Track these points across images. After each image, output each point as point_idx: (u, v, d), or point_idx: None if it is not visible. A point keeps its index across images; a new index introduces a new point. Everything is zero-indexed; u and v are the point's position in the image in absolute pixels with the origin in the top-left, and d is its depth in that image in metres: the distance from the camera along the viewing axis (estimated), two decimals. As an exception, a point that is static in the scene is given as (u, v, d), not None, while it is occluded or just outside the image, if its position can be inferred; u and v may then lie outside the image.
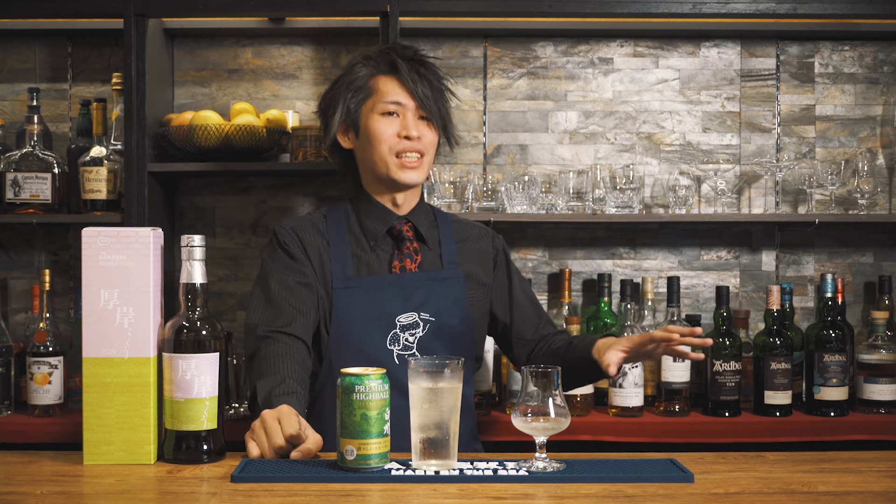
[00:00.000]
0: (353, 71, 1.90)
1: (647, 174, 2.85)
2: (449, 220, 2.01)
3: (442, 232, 1.96)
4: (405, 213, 1.92)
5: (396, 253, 1.88)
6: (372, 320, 1.81)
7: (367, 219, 1.90)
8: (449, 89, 1.95)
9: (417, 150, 1.86)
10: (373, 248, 1.88)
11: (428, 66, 1.91)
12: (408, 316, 1.83)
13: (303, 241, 1.87)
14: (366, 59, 1.90)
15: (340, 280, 1.83)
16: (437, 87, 1.90)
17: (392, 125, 1.85)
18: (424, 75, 1.87)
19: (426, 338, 1.84)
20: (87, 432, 1.48)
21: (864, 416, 2.48)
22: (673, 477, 1.37)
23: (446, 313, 1.86)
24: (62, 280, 2.81)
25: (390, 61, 1.87)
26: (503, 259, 2.04)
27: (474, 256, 1.98)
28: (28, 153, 2.58)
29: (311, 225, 1.91)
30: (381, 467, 1.38)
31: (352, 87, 1.89)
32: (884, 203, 2.87)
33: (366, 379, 1.37)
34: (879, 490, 1.33)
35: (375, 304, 1.82)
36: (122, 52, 2.59)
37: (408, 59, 1.88)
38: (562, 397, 1.41)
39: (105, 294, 1.48)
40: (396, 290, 1.84)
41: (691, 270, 2.87)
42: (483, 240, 2.02)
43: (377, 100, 1.86)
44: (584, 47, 2.87)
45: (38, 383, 2.43)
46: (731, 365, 2.46)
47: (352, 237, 1.89)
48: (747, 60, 2.88)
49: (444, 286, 1.88)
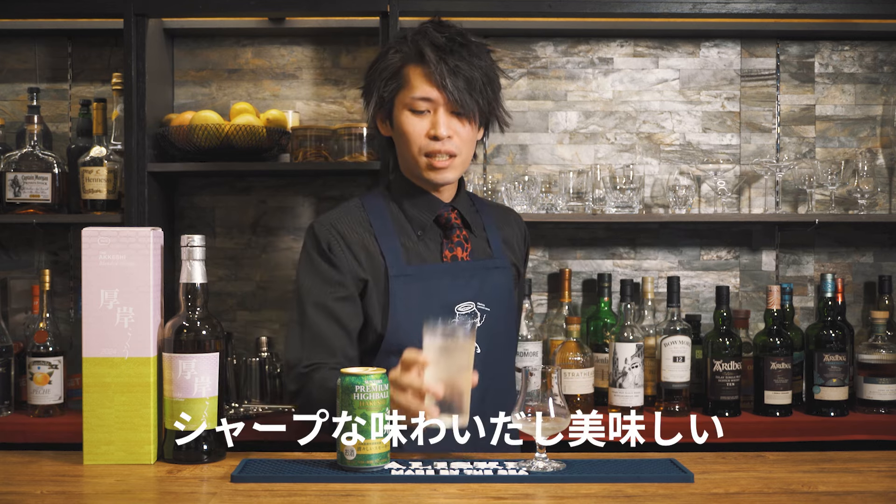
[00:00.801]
0: (386, 57, 1.76)
1: (647, 174, 2.85)
2: (486, 206, 1.92)
3: (484, 218, 1.88)
4: (449, 201, 1.82)
5: (446, 242, 1.79)
6: (432, 311, 1.67)
7: (412, 207, 1.79)
8: (493, 71, 1.77)
9: (447, 152, 1.72)
10: (420, 237, 1.78)
11: (465, 49, 1.71)
12: (466, 305, 1.75)
13: (344, 236, 1.74)
14: (398, 43, 1.76)
15: (396, 269, 1.72)
16: (474, 75, 1.71)
17: (421, 123, 1.72)
18: (458, 64, 1.69)
19: (483, 327, 1.75)
20: (87, 432, 1.48)
21: (864, 416, 2.48)
22: (673, 477, 1.37)
23: (499, 302, 1.80)
24: (62, 280, 2.80)
25: (419, 49, 1.71)
26: (527, 250, 2.00)
27: (512, 243, 1.91)
28: (28, 153, 2.58)
29: (350, 217, 1.78)
30: (381, 467, 1.38)
31: (384, 74, 1.75)
32: (884, 203, 2.87)
33: (366, 379, 1.37)
34: (879, 490, 1.33)
35: (434, 294, 1.73)
36: (122, 52, 2.59)
37: (439, 46, 1.70)
38: (562, 397, 1.41)
39: (105, 294, 1.48)
40: (453, 278, 1.75)
41: (691, 270, 2.87)
42: (516, 225, 1.95)
43: (407, 93, 1.72)
44: (584, 47, 2.87)
45: (38, 383, 2.43)
46: (731, 365, 2.46)
47: (396, 225, 1.78)
48: (747, 60, 2.88)
49: (496, 274, 1.81)
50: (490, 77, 1.75)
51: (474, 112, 1.73)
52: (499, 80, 1.79)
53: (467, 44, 1.73)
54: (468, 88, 1.70)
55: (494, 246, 1.85)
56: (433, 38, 1.71)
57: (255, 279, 2.87)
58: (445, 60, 1.69)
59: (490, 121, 1.82)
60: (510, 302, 1.85)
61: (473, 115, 1.74)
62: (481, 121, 1.79)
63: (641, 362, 2.46)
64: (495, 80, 1.77)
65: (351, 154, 2.65)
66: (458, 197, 1.84)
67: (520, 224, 1.98)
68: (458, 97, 1.69)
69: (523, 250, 1.97)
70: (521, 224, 1.99)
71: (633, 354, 2.44)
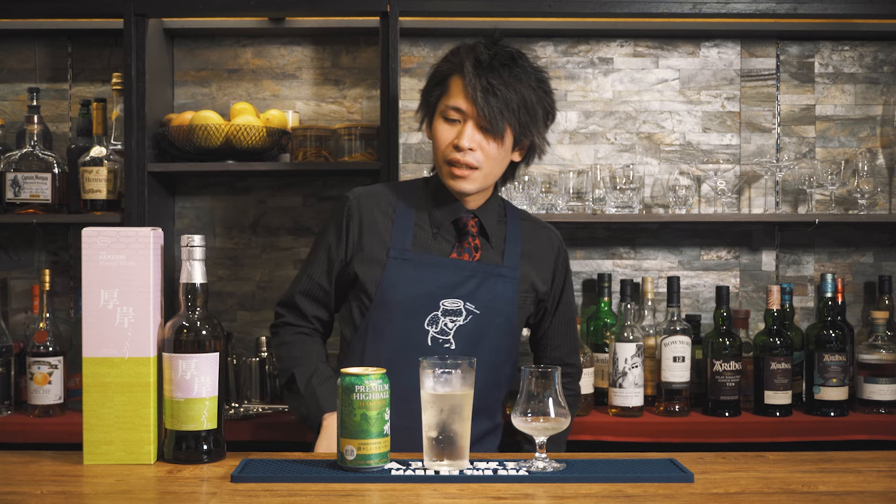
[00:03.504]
0: (440, 64, 1.83)
1: (647, 174, 2.85)
2: (518, 218, 1.95)
3: (509, 229, 1.91)
4: (473, 208, 1.86)
5: (457, 245, 1.85)
6: (417, 296, 1.78)
7: (436, 206, 1.85)
8: (538, 97, 1.79)
9: (466, 163, 1.76)
10: (435, 235, 1.84)
11: (507, 70, 1.74)
12: (453, 302, 1.79)
13: (362, 215, 1.85)
14: (453, 53, 1.81)
15: (398, 251, 1.80)
16: (511, 96, 1.73)
17: (450, 131, 1.78)
18: (494, 83, 1.72)
19: (466, 328, 1.79)
20: (87, 432, 1.48)
21: (864, 416, 2.48)
22: (673, 477, 1.37)
23: (494, 310, 1.82)
24: (62, 280, 2.81)
25: (462, 61, 1.76)
26: (564, 272, 1.98)
27: (537, 260, 1.92)
28: (28, 153, 2.58)
29: (379, 196, 1.88)
30: (381, 467, 1.38)
31: (434, 80, 1.83)
32: (884, 203, 2.87)
33: (366, 379, 1.37)
34: (879, 490, 1.33)
35: (424, 282, 1.79)
36: (122, 52, 2.60)
37: (481, 61, 1.74)
38: (562, 397, 1.41)
39: (105, 294, 1.48)
40: (449, 274, 1.81)
41: (691, 270, 2.87)
42: (548, 245, 1.96)
43: (445, 101, 1.79)
44: (584, 47, 2.87)
45: (38, 383, 2.43)
46: (731, 365, 2.46)
47: (418, 216, 1.85)
48: (747, 60, 2.88)
49: (499, 283, 1.84)
50: (530, 102, 1.77)
51: (502, 131, 1.76)
52: (545, 109, 1.82)
53: (510, 65, 1.76)
54: (500, 108, 1.73)
55: (508, 257, 1.87)
56: (479, 52, 1.76)
57: (255, 279, 2.87)
58: (483, 76, 1.73)
59: (528, 145, 1.85)
60: (509, 313, 1.85)
61: (501, 135, 1.76)
62: (516, 143, 1.82)
63: (641, 362, 2.46)
64: (535, 107, 1.79)
65: (351, 154, 2.65)
66: (485, 206, 1.88)
67: (553, 241, 1.97)
68: (486, 113, 1.73)
69: (553, 265, 1.95)
70: (554, 242, 1.97)
71: (633, 354, 2.44)
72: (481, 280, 1.82)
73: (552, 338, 1.99)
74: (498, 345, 1.85)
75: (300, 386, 1.82)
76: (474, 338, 1.80)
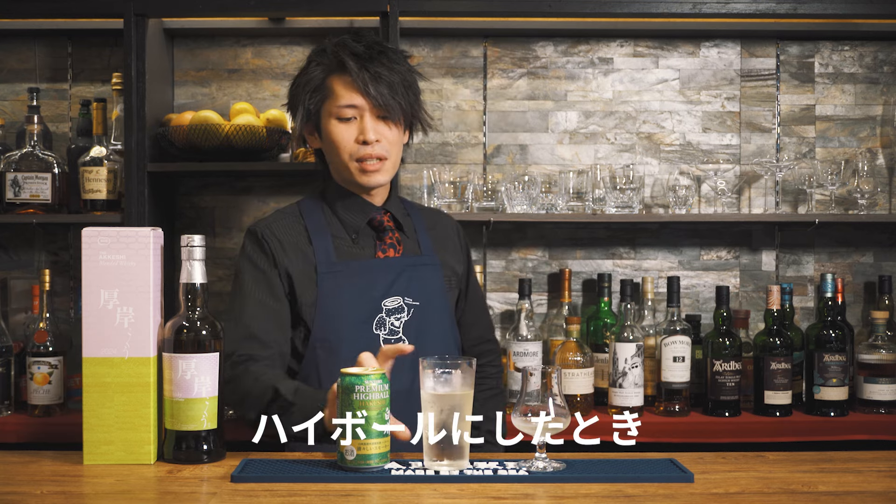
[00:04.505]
0: (308, 70, 1.85)
1: (647, 174, 2.85)
2: (416, 209, 2.01)
3: (414, 220, 1.96)
4: (381, 204, 1.91)
5: (379, 244, 1.87)
6: (358, 305, 1.79)
7: (345, 212, 1.87)
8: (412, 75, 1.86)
9: (377, 156, 1.81)
10: (355, 240, 1.86)
11: (384, 56, 1.81)
12: (393, 300, 1.81)
13: (280, 238, 1.82)
14: (319, 55, 1.84)
15: (325, 265, 1.80)
16: (394, 79, 1.80)
17: (350, 130, 1.81)
18: (379, 71, 1.78)
19: (412, 322, 1.82)
20: (87, 432, 1.48)
21: (864, 416, 2.48)
22: (673, 477, 1.37)
23: (429, 298, 1.86)
24: (62, 280, 2.80)
25: (339, 60, 1.80)
26: (467, 252, 2.05)
27: (446, 244, 1.97)
28: (28, 153, 2.58)
29: (286, 220, 1.87)
30: (381, 467, 1.38)
31: (308, 87, 1.84)
32: (884, 203, 2.87)
33: (366, 379, 1.37)
34: (879, 490, 1.33)
35: (361, 288, 1.81)
36: (122, 52, 2.59)
37: (358, 55, 1.79)
38: (562, 397, 1.41)
39: (105, 294, 1.48)
40: (381, 274, 1.83)
41: (691, 270, 2.87)
42: (450, 228, 2.03)
43: (333, 103, 1.81)
44: (584, 47, 2.87)
45: (38, 383, 2.43)
46: (731, 365, 2.46)
47: (331, 227, 1.86)
48: (747, 60, 2.88)
49: (426, 271, 1.88)
50: (409, 81, 1.85)
51: (399, 115, 1.82)
52: (417, 84, 1.89)
53: (385, 51, 1.83)
54: (390, 92, 1.80)
55: (424, 245, 1.92)
56: (352, 47, 1.80)
57: (255, 279, 2.86)
58: (366, 67, 1.78)
59: (413, 123, 1.91)
60: (442, 298, 1.89)
61: (398, 118, 1.83)
62: (406, 123, 1.88)
63: (641, 362, 2.46)
64: (414, 84, 1.87)
65: (351, 154, 2.65)
66: (389, 200, 1.93)
67: (451, 224, 2.05)
68: (382, 101, 1.79)
69: (459, 246, 2.02)
70: (452, 224, 2.05)
71: (633, 354, 2.44)
72: (411, 272, 1.86)
73: (470, 316, 2.03)
74: (443, 330, 1.88)
75: (287, 394, 1.63)
76: (422, 329, 1.83)
